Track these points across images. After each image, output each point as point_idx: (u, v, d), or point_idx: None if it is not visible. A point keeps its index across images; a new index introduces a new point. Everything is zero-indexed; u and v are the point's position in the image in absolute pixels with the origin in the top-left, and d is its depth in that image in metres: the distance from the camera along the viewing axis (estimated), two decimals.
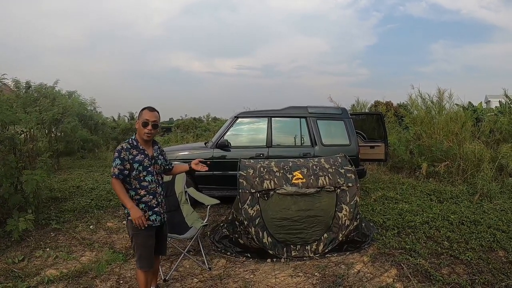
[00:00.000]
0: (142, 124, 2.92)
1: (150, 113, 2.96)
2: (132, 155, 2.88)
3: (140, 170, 2.90)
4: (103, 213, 6.00)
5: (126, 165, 2.85)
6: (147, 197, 2.93)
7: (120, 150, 2.87)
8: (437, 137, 9.33)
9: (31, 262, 4.10)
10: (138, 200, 2.90)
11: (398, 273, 3.76)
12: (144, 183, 2.92)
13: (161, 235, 3.12)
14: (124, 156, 2.85)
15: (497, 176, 7.96)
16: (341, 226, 4.29)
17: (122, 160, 2.83)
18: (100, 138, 14.96)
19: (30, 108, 9.22)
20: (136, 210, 2.77)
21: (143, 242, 2.92)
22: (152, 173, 2.98)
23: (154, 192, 2.97)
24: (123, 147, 2.89)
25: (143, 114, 2.95)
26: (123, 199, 2.80)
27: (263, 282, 3.60)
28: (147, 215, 2.90)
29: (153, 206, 2.96)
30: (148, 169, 2.95)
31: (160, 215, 3.02)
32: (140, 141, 2.98)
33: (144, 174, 2.92)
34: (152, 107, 3.02)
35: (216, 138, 6.62)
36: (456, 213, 5.70)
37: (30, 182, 4.99)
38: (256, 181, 4.39)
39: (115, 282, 3.63)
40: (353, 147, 6.55)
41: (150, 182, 2.95)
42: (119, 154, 2.85)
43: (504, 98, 12.44)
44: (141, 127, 2.93)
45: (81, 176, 9.53)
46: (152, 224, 2.94)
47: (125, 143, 2.94)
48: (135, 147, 2.94)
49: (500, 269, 3.79)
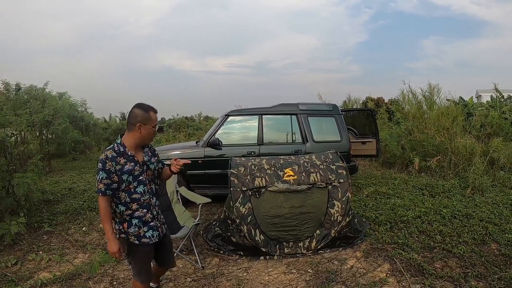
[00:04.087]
0: (157, 129, 2.62)
1: (156, 116, 2.61)
2: (119, 165, 2.45)
3: (130, 181, 2.49)
4: (96, 214, 5.95)
5: (114, 177, 2.42)
6: (140, 211, 2.55)
7: (104, 160, 2.41)
8: (429, 132, 9.37)
9: (24, 266, 4.07)
10: (131, 216, 2.54)
11: (391, 268, 3.78)
12: (135, 195, 2.52)
13: (163, 247, 2.82)
14: (110, 167, 2.41)
15: (488, 169, 8.03)
16: (334, 222, 4.30)
17: (108, 173, 2.40)
18: (92, 139, 14.93)
19: (20, 110, 9.12)
20: (113, 244, 2.44)
21: (140, 259, 2.62)
22: (144, 182, 2.56)
23: (147, 205, 2.59)
24: (107, 156, 2.42)
25: (153, 117, 2.56)
26: (104, 225, 2.45)
27: (257, 280, 3.60)
28: (142, 231, 2.56)
29: (148, 221, 2.59)
30: (139, 179, 2.53)
31: (158, 230, 2.66)
32: (130, 145, 2.53)
33: (135, 185, 2.52)
34: (154, 107, 2.62)
35: (207, 137, 6.61)
36: (448, 207, 5.74)
37: (21, 185, 4.94)
38: (247, 179, 4.39)
39: (108, 283, 3.61)
40: (345, 143, 6.57)
41: (142, 193, 2.55)
42: (104, 165, 2.40)
43: (495, 92, 12.55)
44: (153, 132, 2.58)
45: (73, 178, 9.49)
46: (149, 241, 2.59)
47: (110, 150, 2.46)
48: (122, 154, 2.48)
49: (493, 262, 3.82)
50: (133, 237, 2.55)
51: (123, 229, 2.55)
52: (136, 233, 2.56)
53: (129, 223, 2.54)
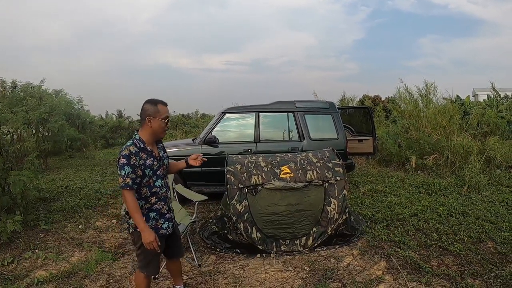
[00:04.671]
0: (166, 121, 2.65)
1: (166, 108, 2.68)
2: (142, 160, 2.53)
3: (151, 175, 2.59)
4: (92, 212, 5.96)
5: (138, 172, 2.50)
6: (158, 204, 2.67)
7: (128, 155, 2.47)
8: (425, 130, 9.39)
9: (21, 264, 4.05)
10: (149, 209, 2.64)
11: (387, 266, 3.79)
12: (154, 189, 2.63)
13: (174, 237, 2.91)
14: (134, 162, 2.48)
15: (484, 168, 8.06)
16: (330, 220, 4.31)
17: (133, 167, 2.46)
18: (88, 136, 14.92)
19: (16, 108, 9.06)
20: (148, 233, 2.48)
21: (154, 251, 2.62)
22: (161, 176, 2.69)
23: (165, 198, 2.72)
24: (131, 152, 2.49)
25: (162, 109, 2.62)
26: (135, 218, 2.47)
27: (253, 278, 3.60)
28: (159, 223, 2.68)
29: (165, 213, 2.72)
30: (157, 173, 2.65)
31: (172, 221, 2.80)
32: (148, 141, 2.63)
33: (154, 179, 2.63)
34: (163, 100, 2.69)
35: (204, 134, 6.60)
36: (445, 205, 5.75)
37: (17, 183, 4.93)
38: (244, 177, 4.39)
39: (105, 281, 3.60)
40: (341, 141, 6.58)
41: (161, 187, 2.68)
42: (128, 160, 2.45)
43: (492, 91, 12.58)
44: (163, 125, 2.63)
45: (69, 175, 9.47)
46: (166, 233, 2.72)
47: (132, 146, 2.53)
48: (143, 150, 2.57)
49: (489, 260, 3.83)
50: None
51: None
52: (154, 226, 2.65)
53: (147, 216, 2.63)
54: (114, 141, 20.27)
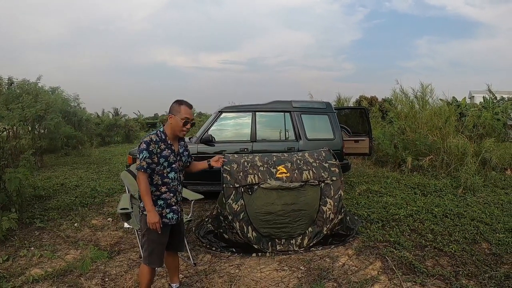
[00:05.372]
0: (184, 122, 2.79)
1: (190, 111, 2.84)
2: (160, 149, 2.76)
3: (165, 166, 2.80)
4: (88, 210, 5.94)
5: (154, 158, 2.72)
6: (167, 194, 2.84)
7: (148, 142, 2.71)
8: (421, 132, 9.43)
9: (16, 262, 4.03)
10: (158, 197, 2.81)
11: (382, 266, 3.80)
12: (166, 179, 2.82)
13: (178, 231, 3.03)
14: (153, 149, 2.71)
15: (480, 169, 8.11)
16: (326, 220, 4.32)
17: (150, 153, 2.70)
18: (84, 134, 14.82)
19: (12, 105, 9.06)
20: (154, 214, 2.67)
21: (157, 239, 2.81)
22: (175, 170, 2.88)
23: (175, 190, 2.88)
24: (152, 139, 2.73)
25: (183, 110, 2.81)
26: (144, 198, 2.68)
27: (249, 277, 3.60)
28: (164, 212, 2.83)
29: (172, 204, 2.87)
30: (172, 166, 2.85)
31: (178, 214, 2.93)
32: (170, 135, 2.85)
33: (168, 170, 2.82)
34: (189, 103, 2.88)
35: (200, 133, 6.60)
36: (440, 206, 5.78)
37: (13, 181, 4.91)
38: (240, 176, 4.39)
39: (100, 279, 3.59)
40: (338, 141, 6.59)
41: (173, 179, 2.86)
42: (148, 146, 2.70)
43: (488, 94, 12.65)
44: (180, 125, 2.79)
45: (65, 173, 9.44)
46: (169, 222, 2.85)
47: (154, 135, 2.78)
48: (163, 141, 2.80)
49: (484, 261, 3.85)
50: None
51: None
52: (159, 213, 2.79)
53: (155, 202, 2.79)
54: (110, 139, 20.17)
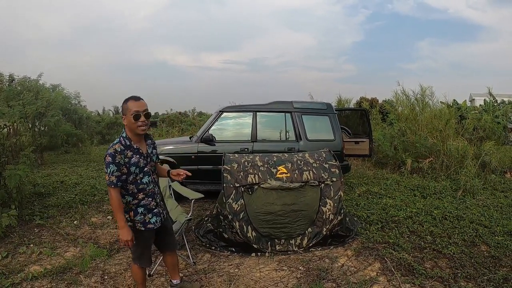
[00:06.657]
0: (134, 117, 2.55)
1: (137, 103, 2.61)
2: (127, 158, 2.58)
3: (137, 172, 2.64)
4: (87, 208, 5.94)
5: (123, 169, 2.56)
6: (145, 200, 2.73)
7: (113, 153, 2.51)
8: (422, 134, 9.41)
9: (15, 259, 4.04)
10: (137, 205, 2.69)
11: (381, 267, 3.81)
12: (142, 185, 2.69)
13: (164, 230, 2.96)
14: (120, 160, 2.53)
15: (480, 172, 8.10)
16: (325, 221, 4.32)
17: (118, 165, 2.51)
18: (85, 132, 14.85)
19: (13, 102, 9.08)
20: (126, 232, 2.57)
21: (143, 243, 2.79)
22: (148, 173, 2.74)
23: (152, 194, 2.77)
24: (116, 150, 2.53)
25: (130, 105, 2.58)
26: (116, 215, 2.56)
27: (248, 276, 3.61)
28: (147, 218, 2.73)
29: (152, 208, 2.77)
30: (144, 170, 2.70)
31: (160, 215, 2.85)
32: (133, 138, 2.65)
33: (141, 176, 2.68)
34: (136, 95, 2.67)
35: (201, 133, 6.61)
36: (439, 208, 5.78)
37: (13, 177, 4.92)
38: (241, 175, 4.40)
39: (99, 277, 3.60)
40: (338, 142, 6.60)
41: (148, 183, 2.74)
42: (113, 158, 2.50)
43: (489, 96, 12.65)
44: (133, 121, 2.57)
45: (65, 171, 9.43)
46: (154, 227, 2.77)
47: (118, 144, 2.57)
48: (128, 147, 2.61)
49: (482, 263, 3.86)
50: (139, 224, 2.73)
51: (129, 217, 2.70)
52: (142, 220, 2.73)
53: (135, 211, 2.71)
54: (110, 137, 20.13)
